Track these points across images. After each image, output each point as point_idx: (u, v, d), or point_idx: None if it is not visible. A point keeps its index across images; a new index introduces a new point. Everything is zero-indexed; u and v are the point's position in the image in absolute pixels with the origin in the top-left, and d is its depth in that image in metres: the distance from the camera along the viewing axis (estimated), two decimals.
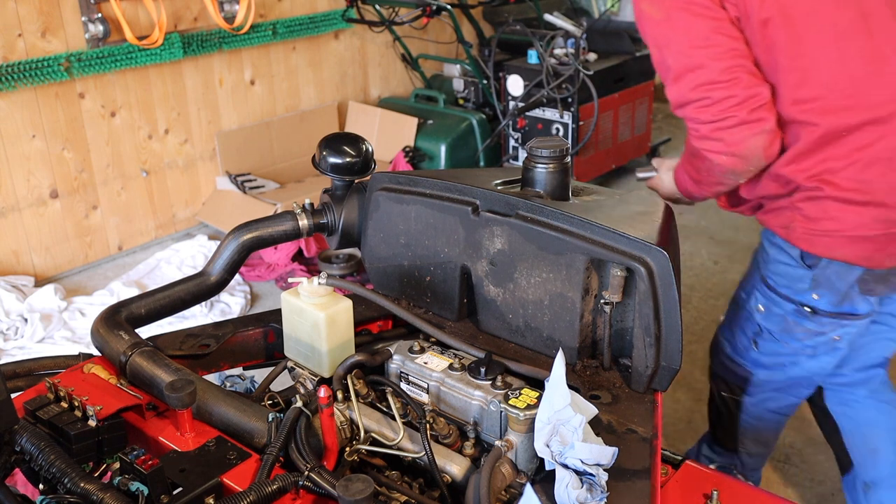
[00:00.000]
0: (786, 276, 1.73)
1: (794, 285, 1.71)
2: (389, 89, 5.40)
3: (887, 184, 1.57)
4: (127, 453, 1.14)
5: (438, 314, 1.60)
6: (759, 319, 1.80)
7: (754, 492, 1.28)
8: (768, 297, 1.76)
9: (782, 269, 1.73)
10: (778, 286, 1.74)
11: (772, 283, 1.75)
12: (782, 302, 1.74)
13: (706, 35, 1.54)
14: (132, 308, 1.60)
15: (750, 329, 1.83)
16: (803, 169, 1.60)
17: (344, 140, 1.74)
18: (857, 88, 1.55)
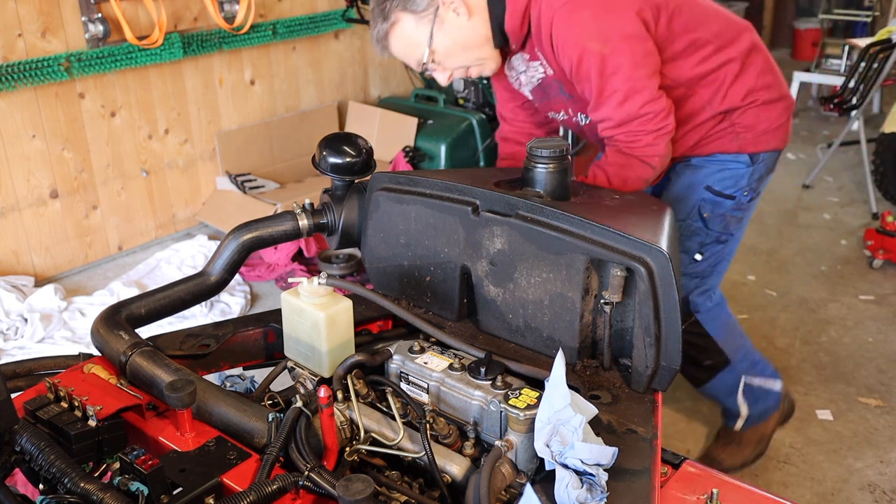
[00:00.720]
0: (732, 178, 2.12)
1: (738, 184, 2.11)
2: (389, 89, 5.40)
3: (781, 80, 2.14)
4: (127, 453, 1.14)
5: (438, 314, 1.60)
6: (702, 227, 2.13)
7: (754, 492, 1.28)
8: (713, 202, 2.11)
9: (729, 175, 2.11)
10: (725, 189, 2.11)
11: (718, 189, 2.10)
12: (725, 201, 2.11)
13: (642, 57, 1.85)
14: (132, 308, 1.60)
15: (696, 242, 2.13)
16: (736, 93, 2.04)
17: (344, 140, 1.74)
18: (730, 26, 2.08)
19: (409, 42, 1.97)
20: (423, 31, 1.94)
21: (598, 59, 1.81)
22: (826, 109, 4.98)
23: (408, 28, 1.95)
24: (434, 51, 1.96)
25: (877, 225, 4.03)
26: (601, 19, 1.82)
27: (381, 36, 1.98)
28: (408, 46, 1.98)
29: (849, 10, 7.43)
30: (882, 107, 6.45)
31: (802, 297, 3.71)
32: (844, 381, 3.06)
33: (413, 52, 1.99)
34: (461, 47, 1.97)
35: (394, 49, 2.01)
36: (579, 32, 1.82)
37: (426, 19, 1.92)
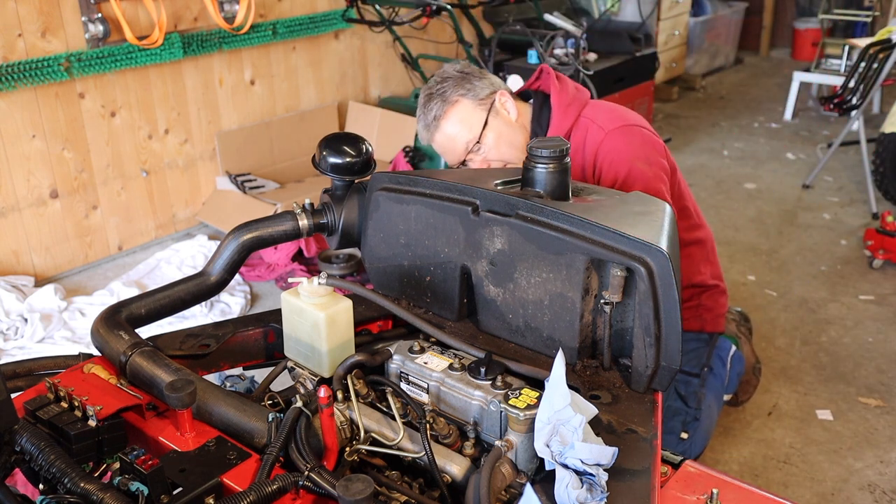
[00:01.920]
0: (696, 356, 2.33)
1: (699, 361, 2.32)
2: (389, 89, 5.40)
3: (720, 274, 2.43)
4: (127, 453, 1.14)
5: (438, 314, 1.60)
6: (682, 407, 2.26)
7: (754, 492, 1.28)
8: (685, 381, 2.27)
9: (693, 354, 2.33)
10: (692, 368, 2.29)
11: (687, 369, 2.28)
12: (693, 380, 2.29)
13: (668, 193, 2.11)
14: (132, 308, 1.60)
15: (678, 422, 2.24)
16: (706, 272, 2.31)
17: (344, 140, 1.74)
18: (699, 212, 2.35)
19: (464, 125, 2.10)
20: (479, 116, 2.11)
21: (644, 180, 2.04)
22: (826, 109, 4.97)
23: (466, 111, 2.11)
24: (484, 136, 2.11)
25: (877, 225, 4.03)
26: (648, 148, 2.10)
27: (437, 116, 2.10)
28: (462, 129, 2.10)
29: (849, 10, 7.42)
30: (882, 107, 6.45)
31: (802, 297, 3.71)
32: (844, 381, 3.06)
33: (465, 135, 2.11)
34: (507, 143, 2.13)
35: (446, 129, 2.12)
36: (630, 153, 2.06)
37: (483, 107, 2.11)
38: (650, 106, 5.30)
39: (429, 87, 2.13)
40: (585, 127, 2.11)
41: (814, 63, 6.38)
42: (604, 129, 2.08)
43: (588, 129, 2.10)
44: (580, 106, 2.16)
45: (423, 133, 2.16)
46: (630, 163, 2.05)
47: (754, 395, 2.93)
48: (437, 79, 2.14)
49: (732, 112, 6.68)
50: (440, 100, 2.10)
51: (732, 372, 2.49)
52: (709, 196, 4.92)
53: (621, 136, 2.08)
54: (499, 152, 2.13)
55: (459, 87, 2.10)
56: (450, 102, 2.09)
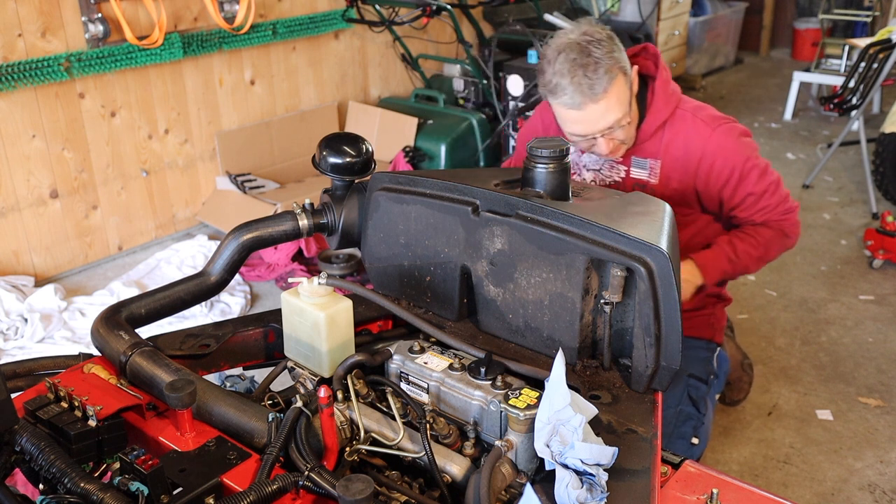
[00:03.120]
0: (703, 363, 2.34)
1: (707, 369, 2.34)
2: (389, 89, 5.40)
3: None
4: (127, 453, 1.14)
5: (438, 314, 1.60)
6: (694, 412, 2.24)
7: (754, 492, 1.28)
8: (696, 387, 2.27)
9: (703, 362, 2.34)
10: (701, 374, 2.31)
11: (698, 374, 2.29)
12: (702, 385, 2.29)
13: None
14: (132, 308, 1.60)
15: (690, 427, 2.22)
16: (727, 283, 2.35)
17: (344, 140, 1.74)
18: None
19: (620, 102, 1.97)
20: (627, 92, 1.99)
21: (760, 169, 2.11)
22: (826, 109, 4.97)
23: (622, 87, 1.97)
24: (626, 115, 2.01)
25: (877, 225, 4.03)
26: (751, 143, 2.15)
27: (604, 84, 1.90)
28: (618, 107, 1.97)
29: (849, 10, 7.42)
30: (882, 107, 6.45)
31: (802, 297, 3.71)
32: (844, 381, 3.06)
33: (618, 111, 1.97)
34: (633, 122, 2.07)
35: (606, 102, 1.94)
36: (742, 150, 2.09)
37: (628, 82, 2.00)
38: None
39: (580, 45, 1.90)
40: (684, 119, 2.08)
41: (814, 63, 6.38)
42: (709, 126, 2.07)
43: (690, 122, 2.08)
44: (678, 98, 2.12)
45: (571, 96, 1.92)
46: (744, 159, 2.08)
47: (754, 395, 2.93)
48: (589, 39, 1.91)
49: (732, 112, 6.67)
50: (605, 70, 1.89)
51: (720, 371, 2.51)
52: None
53: (728, 133, 2.08)
54: (627, 132, 2.05)
55: (617, 59, 1.93)
56: (613, 74, 1.91)
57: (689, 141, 2.09)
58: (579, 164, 2.23)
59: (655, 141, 2.12)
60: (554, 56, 1.92)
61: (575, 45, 1.90)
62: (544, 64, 1.95)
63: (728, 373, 2.64)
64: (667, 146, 2.11)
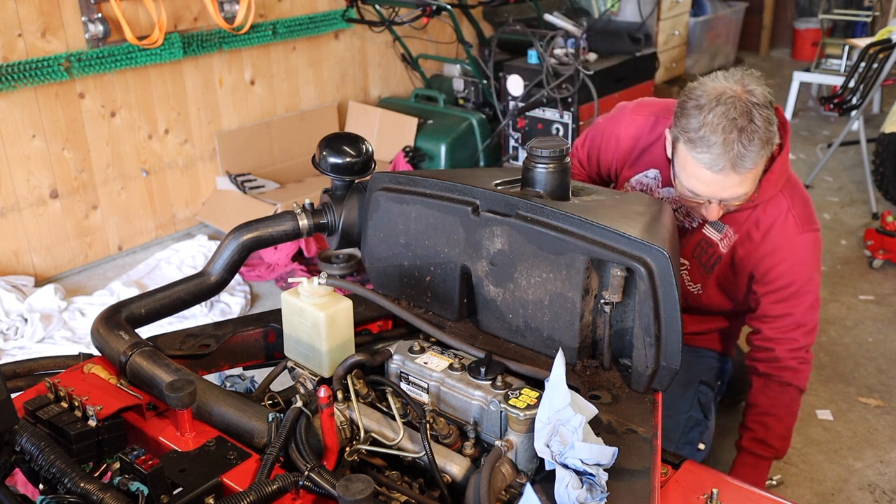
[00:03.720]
0: (714, 372, 2.36)
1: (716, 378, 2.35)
2: (389, 89, 5.40)
3: None
4: (127, 453, 1.14)
5: (438, 314, 1.60)
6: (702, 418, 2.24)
7: (754, 492, 1.28)
8: (705, 393, 2.28)
9: (714, 369, 2.36)
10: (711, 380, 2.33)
11: (707, 380, 2.30)
12: (710, 392, 2.30)
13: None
14: (132, 308, 1.60)
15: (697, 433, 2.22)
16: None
17: (344, 140, 1.74)
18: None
19: (754, 182, 1.82)
20: (762, 166, 1.83)
21: (813, 294, 2.02)
22: (826, 109, 4.97)
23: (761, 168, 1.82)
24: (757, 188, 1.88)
25: (877, 225, 4.03)
26: (818, 265, 2.04)
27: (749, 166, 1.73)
28: (752, 183, 1.82)
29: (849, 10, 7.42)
30: (882, 107, 6.45)
31: None
32: (844, 381, 3.06)
33: (749, 188, 1.82)
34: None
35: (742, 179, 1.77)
36: (812, 263, 2.00)
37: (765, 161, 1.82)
38: None
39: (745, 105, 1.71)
40: (779, 208, 1.95)
41: (814, 63, 6.38)
42: (800, 228, 1.95)
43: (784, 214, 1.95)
44: (786, 179, 1.99)
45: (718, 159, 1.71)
46: (809, 275, 1.99)
47: None
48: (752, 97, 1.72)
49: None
50: (761, 143, 1.71)
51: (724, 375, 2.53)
52: None
53: (811, 243, 1.98)
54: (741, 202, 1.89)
55: (774, 132, 1.76)
56: (761, 157, 1.74)
57: (772, 230, 1.97)
58: (656, 190, 2.11)
59: (744, 212, 1.98)
60: (711, 105, 1.71)
61: (739, 103, 1.70)
62: (693, 108, 1.74)
63: (730, 374, 2.65)
64: (750, 223, 1.99)
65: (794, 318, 2.03)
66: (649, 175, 2.13)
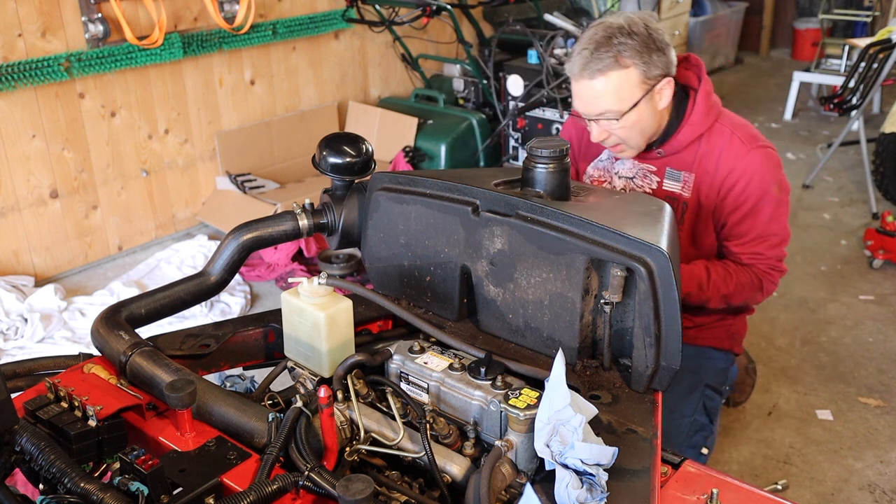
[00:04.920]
0: (721, 375, 2.31)
1: (722, 380, 2.31)
2: (389, 89, 5.40)
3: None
4: (127, 453, 1.14)
5: (438, 314, 1.60)
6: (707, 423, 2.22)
7: (754, 492, 1.28)
8: (711, 398, 2.24)
9: (721, 373, 2.30)
10: (719, 385, 2.28)
11: (714, 384, 2.26)
12: (717, 397, 2.27)
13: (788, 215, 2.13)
14: (132, 308, 1.60)
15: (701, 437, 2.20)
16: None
17: (344, 140, 1.74)
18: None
19: (619, 95, 1.93)
20: (635, 93, 1.94)
21: (775, 204, 2.03)
22: (826, 109, 4.97)
23: (629, 82, 1.92)
24: (628, 115, 1.96)
25: (877, 225, 4.03)
26: (781, 171, 2.07)
27: (600, 68, 1.89)
28: (613, 97, 1.93)
29: (849, 10, 7.42)
30: (882, 107, 6.45)
31: (802, 297, 3.71)
32: (844, 381, 3.06)
33: (612, 103, 1.94)
34: (641, 129, 2.01)
35: (598, 85, 1.93)
36: (768, 176, 2.03)
37: (645, 86, 1.94)
38: None
39: (610, 28, 1.90)
40: (722, 134, 2.05)
41: (814, 63, 6.38)
42: (746, 146, 2.02)
43: (728, 138, 2.04)
44: (718, 111, 2.09)
45: (574, 66, 1.93)
46: (768, 186, 2.03)
47: (754, 395, 2.93)
48: (625, 27, 1.90)
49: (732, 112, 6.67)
50: (614, 56, 1.88)
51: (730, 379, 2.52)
52: None
53: (763, 158, 2.03)
54: (628, 133, 2.01)
55: (639, 54, 1.89)
56: (620, 65, 1.89)
57: (721, 157, 2.04)
58: (611, 171, 2.19)
59: (690, 153, 2.08)
60: (587, 31, 1.96)
61: (607, 27, 1.91)
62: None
63: (734, 377, 2.63)
64: (700, 159, 2.07)
65: (756, 231, 2.06)
66: (602, 158, 2.23)
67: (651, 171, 2.13)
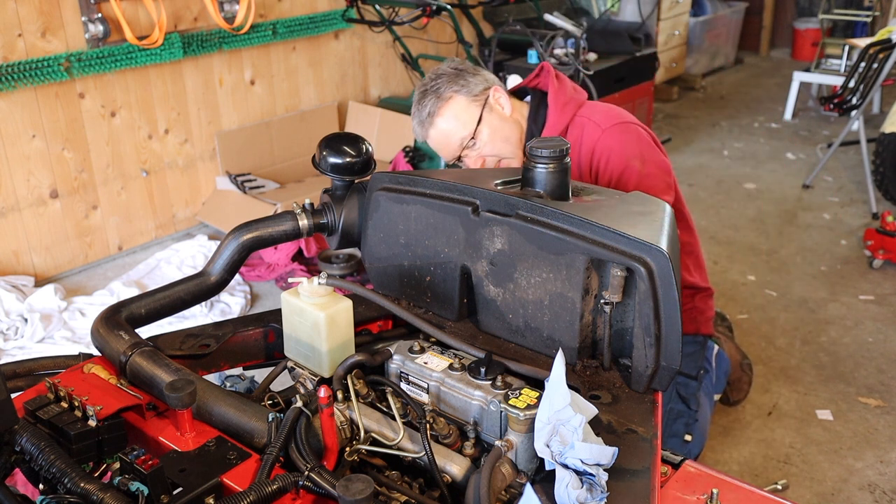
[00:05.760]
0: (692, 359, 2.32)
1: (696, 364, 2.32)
2: (389, 89, 5.40)
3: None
4: (127, 453, 1.14)
5: (438, 314, 1.60)
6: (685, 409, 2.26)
7: (754, 492, 1.28)
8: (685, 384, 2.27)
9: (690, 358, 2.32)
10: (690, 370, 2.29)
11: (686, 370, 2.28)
12: (691, 382, 2.29)
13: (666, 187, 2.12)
14: (132, 308, 1.60)
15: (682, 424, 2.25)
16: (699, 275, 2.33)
17: (344, 140, 1.74)
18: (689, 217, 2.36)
19: (459, 121, 2.10)
20: (473, 112, 2.11)
21: (637, 177, 2.05)
22: (826, 109, 4.97)
23: (460, 107, 2.11)
24: (479, 132, 2.11)
25: (877, 225, 4.03)
26: (643, 145, 2.11)
27: (431, 112, 2.10)
28: (456, 125, 2.10)
29: (849, 10, 7.43)
30: (882, 107, 6.45)
31: (802, 297, 3.71)
32: (844, 381, 3.06)
33: (459, 131, 2.11)
34: (502, 138, 2.14)
35: (440, 125, 2.11)
36: (624, 150, 2.07)
37: (477, 103, 2.12)
38: (650, 106, 5.30)
39: (423, 84, 2.13)
40: (581, 125, 2.12)
41: (814, 63, 6.38)
42: (600, 127, 2.09)
43: (584, 126, 2.11)
44: (577, 105, 2.16)
45: (418, 130, 2.15)
46: (626, 160, 2.06)
47: (754, 395, 2.93)
48: (432, 76, 2.14)
49: (732, 112, 6.68)
50: (434, 96, 2.10)
51: (719, 371, 2.51)
52: (709, 196, 4.92)
53: (618, 134, 2.09)
54: (494, 147, 2.13)
55: (453, 83, 2.10)
56: (444, 99, 2.09)
57: (583, 144, 2.11)
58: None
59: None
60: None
61: (418, 87, 2.14)
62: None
63: (728, 373, 2.64)
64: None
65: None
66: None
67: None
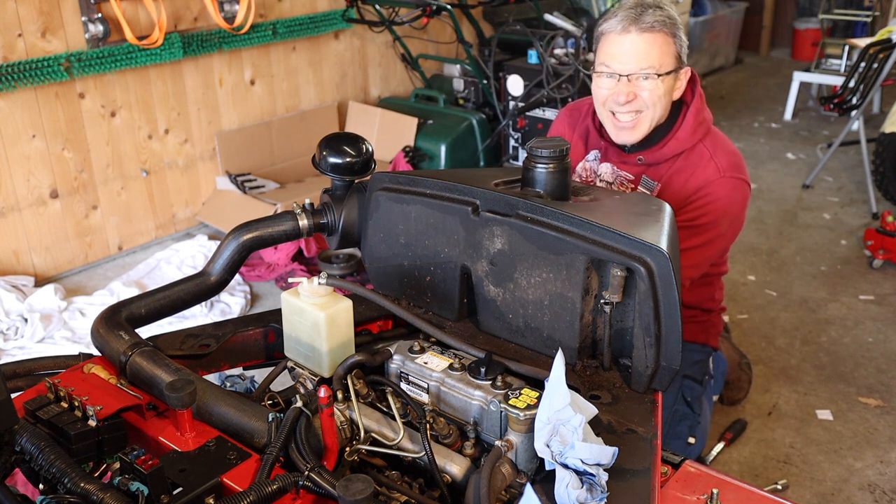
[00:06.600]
0: (700, 366, 2.39)
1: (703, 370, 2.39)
2: (389, 89, 5.40)
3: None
4: (127, 453, 1.14)
5: (438, 314, 1.60)
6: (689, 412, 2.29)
7: (754, 492, 1.28)
8: (691, 387, 2.32)
9: (698, 364, 2.38)
10: (697, 375, 2.36)
11: (692, 375, 2.34)
12: (697, 386, 2.34)
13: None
14: (132, 308, 1.60)
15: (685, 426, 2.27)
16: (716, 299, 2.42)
17: (344, 140, 1.74)
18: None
19: (663, 55, 1.99)
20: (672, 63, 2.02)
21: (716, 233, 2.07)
22: (826, 109, 4.97)
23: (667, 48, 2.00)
24: (664, 79, 2.00)
25: (877, 225, 4.03)
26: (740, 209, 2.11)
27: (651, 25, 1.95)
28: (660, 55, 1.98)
29: (849, 10, 7.43)
30: (882, 107, 6.45)
31: (802, 297, 3.71)
32: (844, 381, 3.06)
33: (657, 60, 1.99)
34: (663, 103, 2.04)
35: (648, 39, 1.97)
36: (726, 207, 2.06)
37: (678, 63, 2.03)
38: None
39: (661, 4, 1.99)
40: (702, 156, 2.07)
41: (814, 63, 6.38)
42: (719, 171, 2.05)
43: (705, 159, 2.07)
44: (706, 131, 2.11)
45: (620, 22, 1.98)
46: (720, 215, 2.06)
47: (754, 395, 2.93)
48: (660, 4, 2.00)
49: (732, 112, 6.67)
50: (663, 20, 1.96)
51: (717, 372, 2.52)
52: None
53: (730, 189, 2.06)
54: (655, 98, 2.01)
55: (677, 29, 2.00)
56: (665, 31, 1.97)
57: (693, 176, 2.07)
58: (596, 171, 2.22)
59: (667, 165, 2.11)
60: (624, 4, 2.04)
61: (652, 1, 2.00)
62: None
63: (725, 373, 2.65)
64: (672, 175, 2.10)
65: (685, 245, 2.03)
66: (589, 158, 2.25)
67: (628, 180, 2.16)
